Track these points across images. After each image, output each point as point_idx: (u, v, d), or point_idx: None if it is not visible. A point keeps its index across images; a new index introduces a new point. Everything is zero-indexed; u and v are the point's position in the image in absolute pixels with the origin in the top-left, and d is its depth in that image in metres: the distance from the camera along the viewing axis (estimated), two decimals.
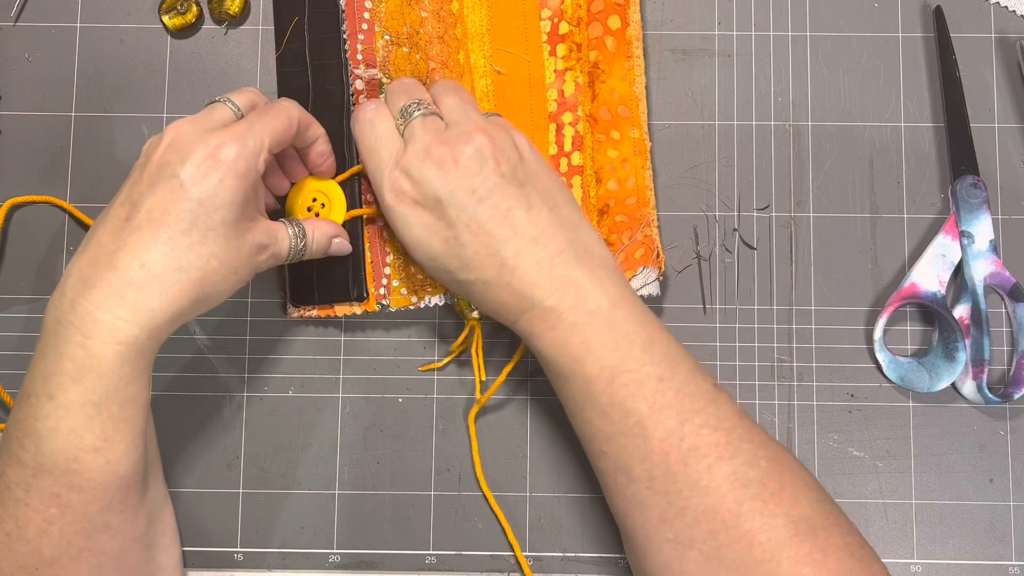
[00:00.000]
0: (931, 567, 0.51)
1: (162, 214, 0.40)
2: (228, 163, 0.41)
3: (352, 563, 0.52)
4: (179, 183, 0.40)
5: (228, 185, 0.41)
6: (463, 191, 0.42)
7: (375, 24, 0.51)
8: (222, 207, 0.41)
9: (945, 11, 0.54)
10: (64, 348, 0.39)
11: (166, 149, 0.41)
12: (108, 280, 0.39)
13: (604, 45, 0.52)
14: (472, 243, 0.43)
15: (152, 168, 0.41)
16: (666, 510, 0.40)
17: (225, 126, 0.42)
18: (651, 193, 0.52)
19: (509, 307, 0.43)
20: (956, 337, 0.51)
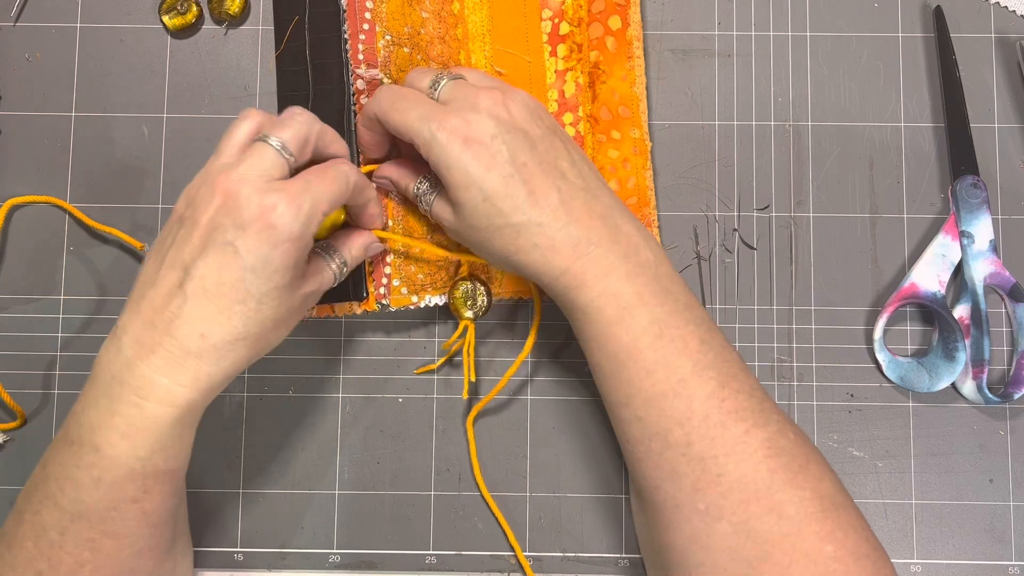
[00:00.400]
0: (931, 567, 0.51)
1: (217, 284, 0.39)
2: (284, 231, 0.39)
3: (352, 563, 0.52)
4: (233, 250, 0.39)
5: (283, 251, 0.39)
6: (518, 132, 0.42)
7: (376, 24, 0.51)
8: (276, 273, 0.40)
9: (945, 11, 0.54)
10: (117, 406, 0.39)
11: (218, 210, 0.39)
12: (167, 348, 0.39)
13: (605, 45, 0.52)
14: (530, 181, 0.42)
15: (203, 230, 0.39)
16: (700, 477, 0.39)
17: (278, 180, 0.40)
18: (652, 193, 0.52)
19: (563, 253, 0.42)
20: (956, 337, 0.51)
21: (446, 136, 0.42)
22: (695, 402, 0.40)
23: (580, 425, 0.52)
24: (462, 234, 0.45)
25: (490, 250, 0.44)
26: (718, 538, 0.39)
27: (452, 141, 0.42)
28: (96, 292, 0.53)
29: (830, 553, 0.38)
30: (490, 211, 0.42)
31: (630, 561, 0.51)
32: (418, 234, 0.51)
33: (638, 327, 0.41)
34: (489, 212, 0.42)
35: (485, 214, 0.42)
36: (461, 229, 0.44)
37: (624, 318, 0.41)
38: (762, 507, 0.39)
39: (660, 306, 0.41)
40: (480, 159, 0.42)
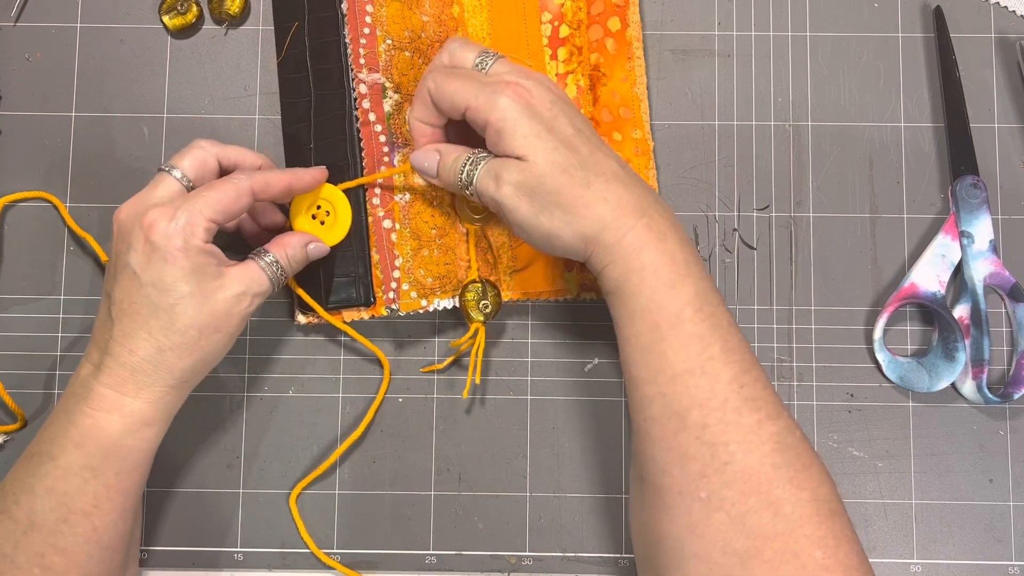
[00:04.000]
0: (931, 567, 0.51)
1: (129, 304, 0.42)
2: (163, 243, 0.42)
3: (352, 563, 0.52)
4: (131, 271, 0.42)
5: (172, 263, 0.42)
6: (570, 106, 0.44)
7: (377, 28, 0.51)
8: (175, 283, 0.42)
9: (945, 11, 0.54)
10: (73, 416, 0.42)
11: (116, 237, 0.43)
12: (109, 365, 0.43)
13: (605, 47, 0.52)
14: (590, 144, 0.43)
15: (112, 260, 0.44)
16: (708, 463, 0.40)
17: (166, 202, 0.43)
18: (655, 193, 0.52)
19: (630, 209, 0.42)
20: (956, 337, 0.51)
21: (511, 96, 0.43)
22: (718, 383, 0.40)
23: (580, 425, 0.52)
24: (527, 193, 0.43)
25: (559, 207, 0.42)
26: (714, 529, 0.39)
27: (518, 100, 0.43)
28: (97, 292, 0.53)
29: (819, 559, 0.38)
30: (563, 160, 0.42)
31: (630, 561, 0.51)
32: (426, 238, 0.51)
33: (686, 295, 0.41)
34: (563, 161, 0.42)
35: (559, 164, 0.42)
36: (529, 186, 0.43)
37: (676, 283, 0.41)
38: (761, 501, 0.39)
39: (703, 279, 0.42)
40: (543, 120, 0.43)
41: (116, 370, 0.42)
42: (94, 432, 0.42)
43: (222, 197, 0.43)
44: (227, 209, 0.43)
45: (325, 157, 0.51)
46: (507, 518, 0.52)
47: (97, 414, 0.42)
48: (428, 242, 0.50)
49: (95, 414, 0.42)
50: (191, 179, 0.45)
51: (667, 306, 0.41)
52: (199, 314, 0.43)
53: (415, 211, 0.51)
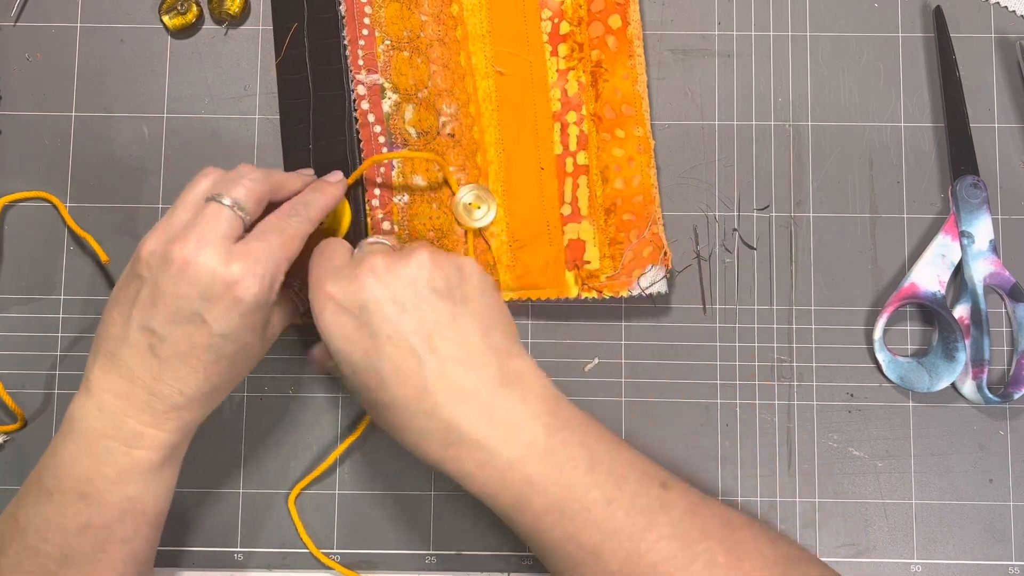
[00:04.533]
0: (931, 567, 0.51)
1: (189, 349, 0.40)
2: (249, 302, 0.40)
3: (352, 563, 0.52)
4: (202, 320, 0.40)
5: (249, 319, 0.41)
6: (388, 300, 0.40)
7: (375, 29, 0.51)
8: (245, 334, 0.41)
9: (945, 11, 0.54)
10: (106, 456, 0.41)
11: (178, 279, 0.40)
12: (152, 406, 0.41)
13: (606, 44, 0.52)
14: (392, 356, 0.40)
15: (167, 298, 0.40)
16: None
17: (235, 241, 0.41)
18: (656, 191, 0.52)
19: (434, 439, 0.40)
20: (956, 337, 0.51)
21: (320, 303, 0.41)
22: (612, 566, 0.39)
23: None
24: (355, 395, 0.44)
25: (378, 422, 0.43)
26: None
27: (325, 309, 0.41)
28: (97, 292, 0.53)
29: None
30: (358, 386, 0.41)
31: None
32: (425, 238, 0.51)
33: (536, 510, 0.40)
34: (358, 387, 0.41)
35: (356, 389, 0.42)
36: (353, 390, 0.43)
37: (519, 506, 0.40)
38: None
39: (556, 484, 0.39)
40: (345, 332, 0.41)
41: (160, 409, 0.41)
42: (133, 469, 0.41)
43: (294, 245, 0.42)
44: (296, 254, 0.42)
45: (324, 158, 0.51)
46: None
47: (136, 452, 0.41)
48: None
49: (134, 453, 0.41)
50: (250, 215, 0.42)
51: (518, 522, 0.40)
52: (252, 357, 0.43)
53: (414, 212, 0.51)
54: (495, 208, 0.51)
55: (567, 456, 0.40)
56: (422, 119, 0.51)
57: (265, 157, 0.53)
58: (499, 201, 0.52)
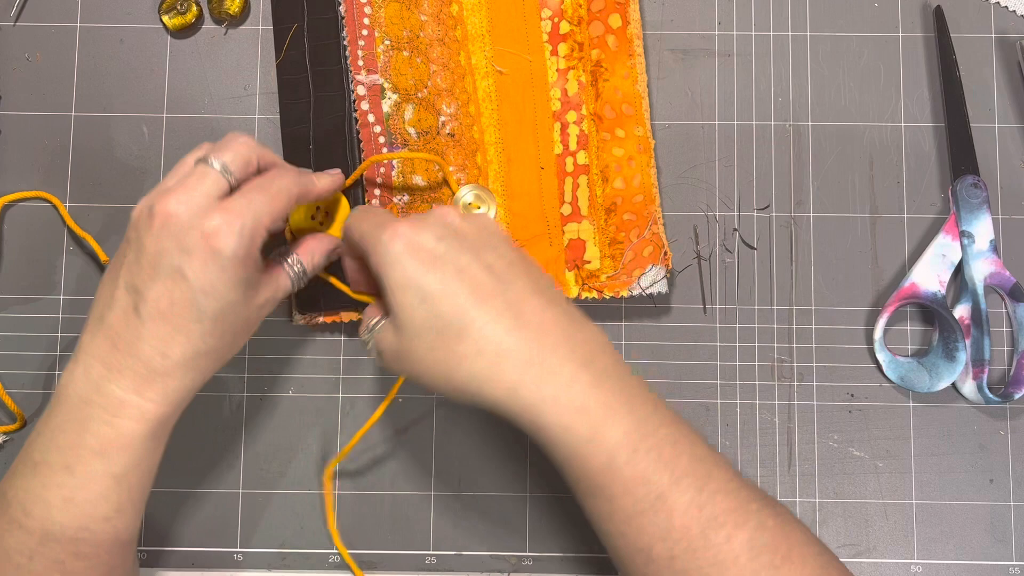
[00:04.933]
0: (931, 567, 0.51)
1: (170, 305, 0.40)
2: (227, 252, 0.40)
3: None
4: (181, 275, 0.39)
5: (229, 272, 0.40)
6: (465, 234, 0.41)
7: (375, 29, 0.51)
8: (227, 291, 0.40)
9: (945, 11, 0.54)
10: (89, 425, 0.40)
11: (159, 233, 0.40)
12: (133, 368, 0.40)
13: (606, 43, 0.52)
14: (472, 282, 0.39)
15: (149, 255, 0.40)
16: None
17: (219, 200, 0.41)
18: (656, 191, 0.52)
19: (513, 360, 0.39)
20: (956, 337, 0.51)
21: (389, 236, 0.40)
22: (675, 515, 0.38)
23: None
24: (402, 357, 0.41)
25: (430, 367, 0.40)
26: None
27: (394, 241, 0.40)
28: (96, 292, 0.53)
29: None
30: (428, 314, 0.39)
31: None
32: None
33: (612, 443, 0.38)
34: (427, 316, 0.39)
35: (423, 318, 0.39)
36: (401, 350, 0.40)
37: (595, 436, 0.38)
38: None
39: (630, 415, 0.39)
40: (423, 260, 0.39)
41: (141, 373, 0.40)
42: (116, 441, 0.40)
43: (278, 204, 0.42)
44: (281, 216, 0.42)
45: (324, 158, 0.51)
46: (507, 518, 0.52)
47: (118, 422, 0.40)
48: None
49: (116, 422, 0.40)
50: (237, 178, 0.42)
51: (592, 459, 0.38)
52: (237, 320, 0.41)
53: (414, 212, 0.51)
54: (495, 208, 0.51)
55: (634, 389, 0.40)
56: (422, 119, 0.51)
57: None
58: (499, 201, 0.52)
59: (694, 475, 0.39)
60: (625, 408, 0.39)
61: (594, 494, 0.39)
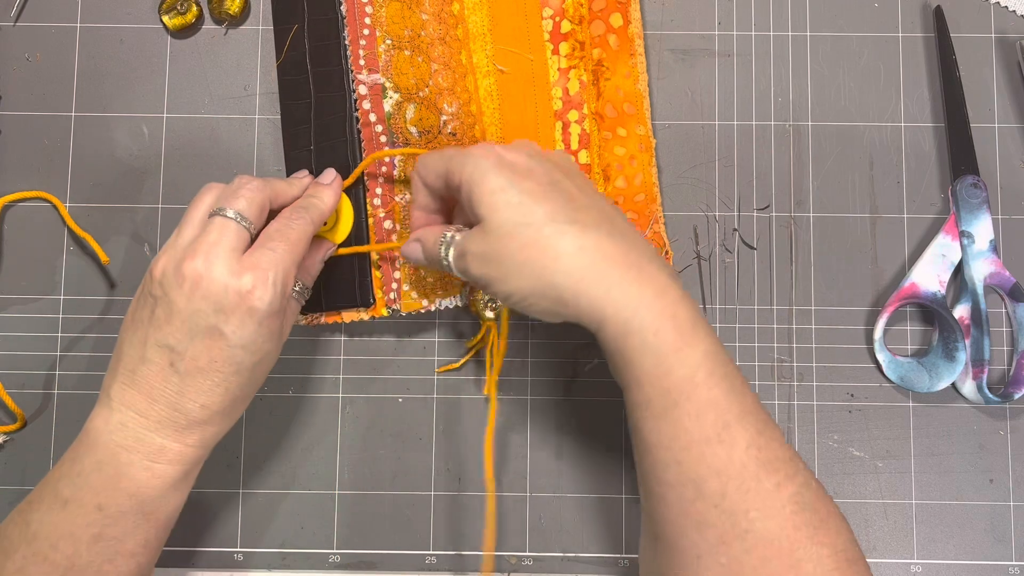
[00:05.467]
0: (931, 567, 0.51)
1: (209, 362, 0.41)
2: (263, 309, 0.41)
3: (352, 563, 0.52)
4: (219, 333, 0.41)
5: (266, 326, 0.41)
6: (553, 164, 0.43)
7: (376, 29, 0.51)
8: (263, 343, 0.42)
9: (945, 11, 0.54)
10: (126, 469, 0.41)
11: (192, 294, 0.40)
12: (173, 420, 0.41)
13: (607, 43, 0.52)
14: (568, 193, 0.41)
15: (183, 314, 0.41)
16: (728, 531, 0.38)
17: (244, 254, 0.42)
18: (658, 190, 0.52)
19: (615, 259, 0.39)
20: (956, 337, 0.51)
21: (482, 151, 0.42)
22: (736, 450, 0.38)
23: (580, 425, 0.52)
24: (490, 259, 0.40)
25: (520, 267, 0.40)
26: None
27: (488, 155, 0.41)
28: (97, 292, 0.53)
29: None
30: (527, 212, 0.39)
31: (630, 561, 0.51)
32: None
33: (695, 359, 0.38)
34: (526, 213, 0.39)
35: (520, 218, 0.39)
36: (490, 251, 0.40)
37: (683, 347, 0.38)
38: (782, 565, 0.38)
39: (709, 336, 0.39)
40: (516, 171, 0.41)
41: (181, 424, 0.41)
42: (152, 484, 0.41)
43: (299, 249, 0.43)
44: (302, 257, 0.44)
45: (326, 158, 0.51)
46: (507, 518, 0.52)
47: (157, 466, 0.41)
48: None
49: (154, 467, 0.41)
50: (255, 226, 0.43)
51: (676, 372, 0.39)
52: (269, 362, 0.43)
53: None
54: None
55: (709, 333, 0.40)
56: (423, 118, 0.51)
57: (265, 157, 0.53)
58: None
59: (756, 416, 0.39)
60: (705, 330, 0.39)
61: (663, 415, 0.39)
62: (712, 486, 0.38)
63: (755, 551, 0.38)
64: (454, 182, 0.42)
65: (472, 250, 0.41)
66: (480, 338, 0.51)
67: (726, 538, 0.38)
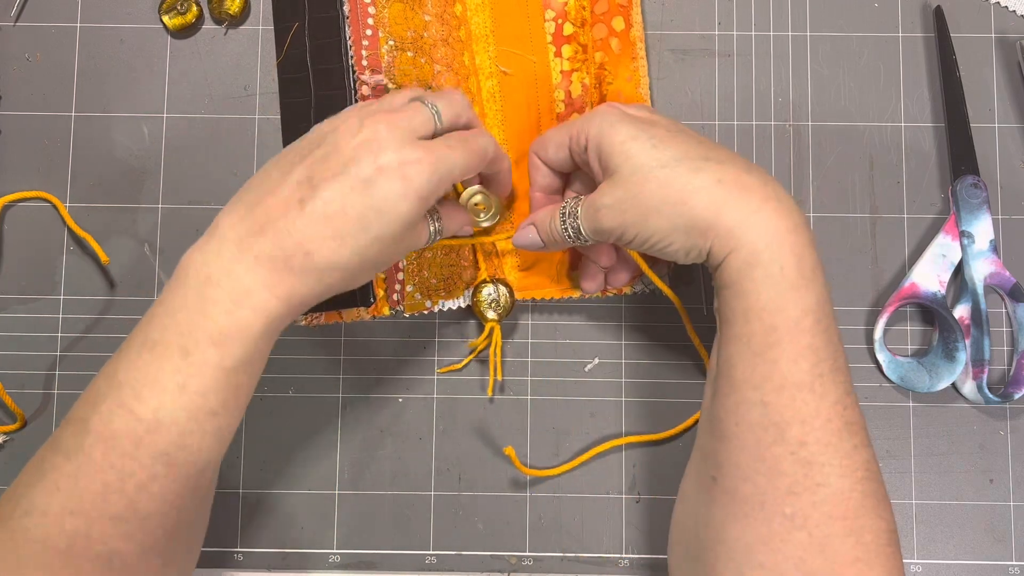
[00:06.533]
0: (931, 567, 0.51)
1: (339, 209, 0.39)
2: (416, 185, 0.40)
3: (352, 563, 0.52)
4: (365, 186, 0.39)
5: (409, 204, 0.40)
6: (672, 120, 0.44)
7: (379, 30, 0.51)
8: (396, 221, 0.40)
9: (945, 11, 0.54)
10: (211, 309, 0.39)
11: (361, 144, 0.40)
12: (271, 256, 0.39)
13: (609, 46, 0.52)
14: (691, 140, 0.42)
15: (343, 157, 0.40)
16: (800, 481, 0.38)
17: (424, 137, 0.42)
18: None
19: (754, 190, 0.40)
20: (956, 337, 0.51)
21: (604, 109, 0.43)
22: (824, 402, 0.39)
23: (580, 425, 0.52)
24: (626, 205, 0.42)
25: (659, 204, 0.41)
26: (792, 545, 0.38)
27: (612, 111, 0.43)
28: (97, 292, 0.53)
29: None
30: (660, 154, 0.41)
31: (630, 561, 0.51)
32: None
33: (808, 302, 0.39)
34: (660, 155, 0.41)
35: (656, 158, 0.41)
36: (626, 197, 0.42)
37: (801, 287, 0.39)
38: (846, 527, 0.38)
39: (824, 285, 0.40)
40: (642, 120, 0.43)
41: (279, 267, 0.39)
42: (235, 333, 0.39)
43: (473, 161, 0.43)
44: (472, 171, 0.43)
45: None
46: (507, 518, 0.52)
47: (239, 312, 0.39)
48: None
49: (237, 312, 0.38)
50: (444, 126, 0.43)
51: (788, 310, 0.39)
52: (384, 251, 0.41)
53: None
54: (500, 208, 0.51)
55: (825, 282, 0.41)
56: None
57: (265, 157, 0.53)
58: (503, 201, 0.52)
59: (846, 375, 0.40)
60: (822, 277, 0.40)
61: (762, 352, 0.39)
62: (794, 432, 0.39)
63: (823, 506, 0.38)
64: (581, 144, 0.44)
65: (606, 203, 0.42)
66: (483, 339, 0.51)
67: (796, 488, 0.38)
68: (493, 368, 0.50)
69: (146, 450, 0.38)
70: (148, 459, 0.38)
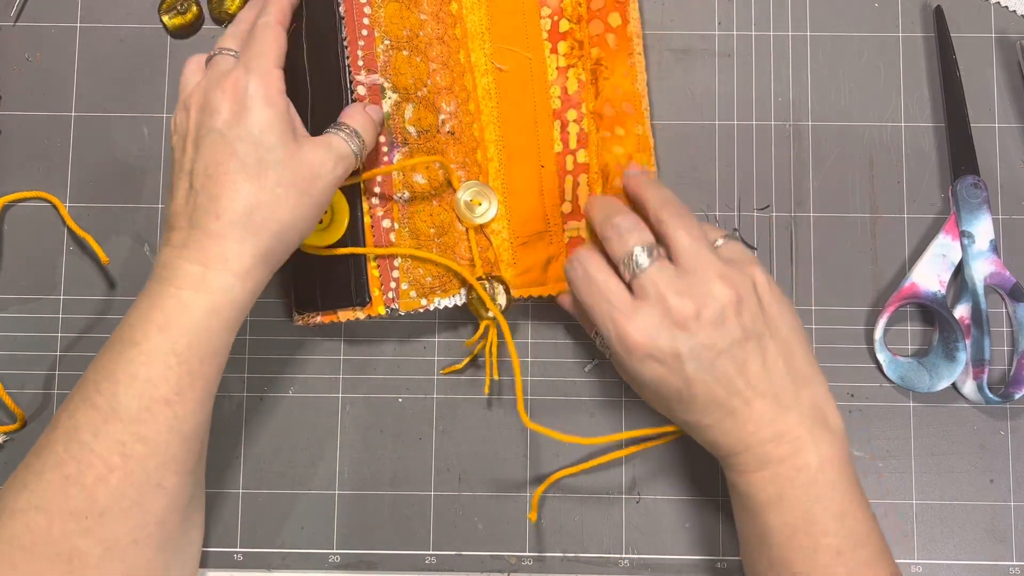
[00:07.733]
0: (931, 567, 0.51)
1: (215, 167, 0.42)
2: (251, 96, 0.42)
3: (352, 563, 0.52)
4: (217, 133, 0.42)
5: (259, 112, 0.42)
6: (703, 348, 0.41)
7: (375, 29, 0.51)
8: (263, 134, 0.42)
9: (945, 11, 0.54)
10: (157, 299, 0.41)
11: (196, 113, 0.43)
12: (194, 238, 0.41)
13: (605, 42, 0.52)
14: (703, 395, 0.42)
15: (192, 135, 0.43)
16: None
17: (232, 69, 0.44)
18: None
19: (721, 447, 0.43)
20: (956, 337, 0.51)
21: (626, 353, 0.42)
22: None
23: (579, 425, 0.52)
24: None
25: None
26: None
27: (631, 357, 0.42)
28: (97, 292, 0.53)
29: None
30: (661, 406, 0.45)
31: (630, 561, 0.51)
32: (425, 237, 0.51)
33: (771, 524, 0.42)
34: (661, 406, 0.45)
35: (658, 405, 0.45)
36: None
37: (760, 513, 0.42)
38: None
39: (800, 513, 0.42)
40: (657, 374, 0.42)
41: (202, 241, 0.41)
42: (178, 315, 0.41)
43: (272, 42, 0.45)
44: (280, 50, 0.45)
45: None
46: (507, 518, 0.52)
47: (182, 293, 0.41)
48: (427, 241, 0.50)
49: (180, 294, 0.41)
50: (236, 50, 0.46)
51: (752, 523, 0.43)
52: (286, 170, 0.42)
53: (414, 210, 0.51)
54: (496, 205, 0.51)
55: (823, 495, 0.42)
56: (422, 117, 0.51)
57: None
58: (500, 198, 0.52)
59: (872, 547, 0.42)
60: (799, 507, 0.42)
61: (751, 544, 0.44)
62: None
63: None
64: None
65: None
66: (478, 337, 0.51)
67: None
68: (489, 367, 0.50)
69: (103, 440, 0.40)
70: (104, 450, 0.40)
